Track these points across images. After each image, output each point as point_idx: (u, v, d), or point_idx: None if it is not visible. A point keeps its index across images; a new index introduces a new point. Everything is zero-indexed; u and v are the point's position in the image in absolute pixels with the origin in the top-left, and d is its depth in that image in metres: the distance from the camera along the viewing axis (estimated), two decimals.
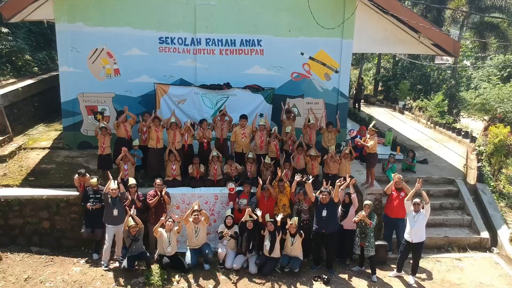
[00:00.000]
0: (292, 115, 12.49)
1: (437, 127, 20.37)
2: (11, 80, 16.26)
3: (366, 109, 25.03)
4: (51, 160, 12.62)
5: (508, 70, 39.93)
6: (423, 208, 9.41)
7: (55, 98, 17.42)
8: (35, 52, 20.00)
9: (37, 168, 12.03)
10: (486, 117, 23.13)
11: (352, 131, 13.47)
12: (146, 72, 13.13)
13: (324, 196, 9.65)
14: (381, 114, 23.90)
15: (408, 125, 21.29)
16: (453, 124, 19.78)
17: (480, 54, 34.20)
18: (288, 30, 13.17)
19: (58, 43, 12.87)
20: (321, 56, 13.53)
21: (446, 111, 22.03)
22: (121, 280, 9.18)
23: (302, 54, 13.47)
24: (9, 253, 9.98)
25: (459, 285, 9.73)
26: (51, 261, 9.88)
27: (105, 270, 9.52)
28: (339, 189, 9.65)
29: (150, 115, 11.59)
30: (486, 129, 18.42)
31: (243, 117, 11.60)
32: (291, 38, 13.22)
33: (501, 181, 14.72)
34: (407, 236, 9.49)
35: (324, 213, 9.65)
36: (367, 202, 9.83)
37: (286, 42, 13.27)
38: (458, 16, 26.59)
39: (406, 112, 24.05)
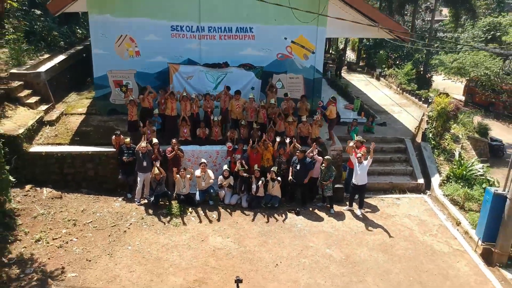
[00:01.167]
0: (275, 89, 15.47)
1: (404, 93, 23.23)
2: (46, 56, 18.90)
3: (347, 76, 27.74)
4: (89, 124, 15.66)
5: (492, 33, 42.40)
6: (365, 160, 12.60)
7: (82, 70, 20.39)
8: (58, 27, 22.56)
9: (79, 130, 15.10)
10: (463, 80, 25.99)
11: (321, 102, 16.31)
12: (161, 54, 15.87)
13: (298, 154, 12.83)
14: (360, 80, 26.61)
15: (380, 91, 24.12)
16: (416, 91, 22.62)
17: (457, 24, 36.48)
18: (274, 19, 15.82)
19: (91, 31, 15.61)
20: (301, 40, 16.28)
21: (414, 78, 24.76)
22: (150, 211, 12.50)
23: (285, 38, 16.22)
24: (66, 194, 13.15)
25: (393, 216, 13.08)
26: (97, 199, 13.13)
27: (138, 205, 12.81)
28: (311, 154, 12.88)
29: (165, 90, 14.63)
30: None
31: (238, 92, 14.59)
32: (277, 26, 15.85)
33: (446, 140, 17.83)
34: (354, 180, 12.75)
35: (298, 166, 12.86)
36: (326, 157, 13.04)
37: (272, 29, 15.92)
38: None
39: (381, 79, 26.80)
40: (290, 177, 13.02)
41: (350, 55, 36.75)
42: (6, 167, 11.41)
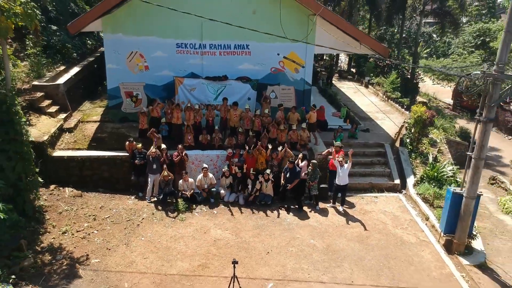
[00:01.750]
0: (268, 100, 17.21)
1: (389, 100, 24.96)
2: (62, 67, 20.60)
3: (338, 84, 29.47)
4: (103, 130, 17.35)
5: (481, 38, 44.20)
6: (346, 163, 14.35)
7: (94, 80, 22.10)
8: (71, 39, 24.24)
9: (95, 136, 16.79)
10: (451, 84, 27.55)
11: (303, 107, 17.89)
12: (167, 68, 17.56)
13: (289, 164, 14.55)
14: (349, 88, 28.32)
15: (367, 98, 25.85)
16: (399, 99, 24.33)
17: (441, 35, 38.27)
18: (268, 37, 17.45)
19: (105, 48, 17.33)
20: (292, 56, 17.99)
21: (398, 86, 26.44)
22: (159, 208, 14.23)
23: (278, 54, 17.93)
24: (85, 192, 14.90)
25: (370, 212, 14.82)
26: (113, 197, 14.86)
27: (149, 202, 14.54)
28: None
29: (172, 101, 16.37)
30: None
31: (235, 103, 16.34)
32: (270, 43, 17.41)
33: (424, 144, 19.54)
34: (336, 181, 14.51)
35: (288, 174, 14.59)
36: (312, 161, 14.79)
37: (266, 46, 17.54)
38: (417, 5, 30.63)
39: (370, 87, 28.52)
40: (282, 182, 14.74)
41: (344, 63, 38.39)
42: (36, 169, 13.15)
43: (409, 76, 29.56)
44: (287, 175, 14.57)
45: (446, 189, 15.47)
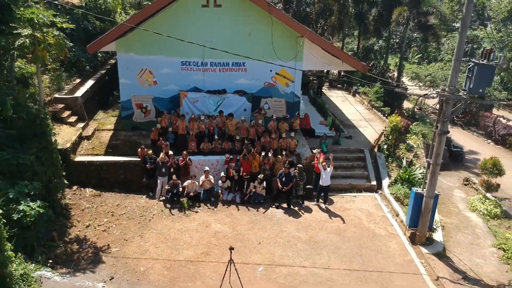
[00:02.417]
0: (262, 112, 19.33)
1: (373, 109, 27.02)
2: (77, 80, 22.67)
3: (328, 92, 31.51)
4: (117, 138, 19.40)
5: (469, 45, 46.26)
6: (328, 167, 16.47)
7: (105, 91, 24.17)
8: (84, 53, 26.25)
9: (110, 143, 18.87)
10: (435, 92, 29.36)
11: (288, 115, 20.05)
12: (173, 83, 19.64)
13: (285, 169, 16.59)
14: (338, 97, 30.33)
15: (353, 107, 27.90)
16: (382, 108, 26.36)
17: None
18: (262, 56, 19.57)
19: (119, 65, 19.35)
20: (283, 72, 20.05)
21: (381, 96, 28.38)
22: (168, 205, 16.32)
23: (270, 71, 19.97)
24: (103, 192, 16.97)
25: (349, 209, 16.93)
26: (127, 196, 16.93)
27: (158, 201, 16.62)
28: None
29: (177, 113, 18.50)
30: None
31: (230, 115, 18.53)
32: (264, 61, 19.64)
33: (401, 149, 21.61)
34: (320, 182, 16.61)
35: (284, 178, 16.63)
36: (299, 165, 16.92)
37: (260, 64, 19.27)
38: (400, 21, 32.68)
39: (357, 96, 30.58)
40: (279, 185, 16.65)
41: (335, 72, 40.36)
42: (62, 173, 15.24)
43: (394, 84, 31.64)
44: (283, 179, 16.58)
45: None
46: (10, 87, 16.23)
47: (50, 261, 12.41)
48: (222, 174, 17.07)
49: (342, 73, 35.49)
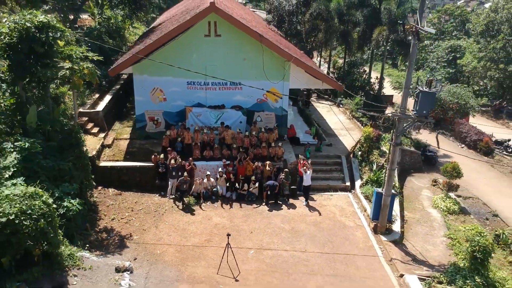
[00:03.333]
0: (257, 125, 22.48)
1: (353, 118, 30.08)
2: (96, 95, 25.76)
3: (315, 103, 34.51)
4: (133, 146, 22.43)
5: (453, 54, 49.38)
6: (309, 170, 19.59)
7: (120, 104, 27.25)
8: (100, 69, 29.15)
9: (128, 151, 21.91)
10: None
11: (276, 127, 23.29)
12: (180, 99, 22.73)
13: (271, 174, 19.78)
14: (324, 107, 33.28)
15: (336, 116, 30.95)
16: (360, 118, 29.43)
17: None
18: (255, 77, 22.69)
19: (135, 85, 22.37)
20: (273, 90, 23.18)
21: (362, 106, 31.34)
22: (177, 203, 19.39)
23: (262, 89, 23.15)
24: (123, 192, 20.00)
25: (325, 205, 20.05)
26: (143, 195, 19.97)
27: (169, 199, 19.70)
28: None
29: (184, 126, 21.62)
30: None
31: (227, 127, 21.67)
32: (256, 81, 22.60)
33: (374, 155, 24.68)
34: (303, 183, 19.73)
35: (271, 183, 19.77)
36: (285, 170, 20.07)
37: (254, 83, 22.57)
38: (380, 39, 35.74)
39: (341, 107, 33.61)
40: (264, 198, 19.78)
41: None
42: (91, 176, 18.33)
43: (375, 94, 34.86)
44: (268, 193, 19.64)
45: None
46: (46, 105, 19.32)
47: (87, 245, 15.49)
48: (220, 169, 20.08)
49: None
